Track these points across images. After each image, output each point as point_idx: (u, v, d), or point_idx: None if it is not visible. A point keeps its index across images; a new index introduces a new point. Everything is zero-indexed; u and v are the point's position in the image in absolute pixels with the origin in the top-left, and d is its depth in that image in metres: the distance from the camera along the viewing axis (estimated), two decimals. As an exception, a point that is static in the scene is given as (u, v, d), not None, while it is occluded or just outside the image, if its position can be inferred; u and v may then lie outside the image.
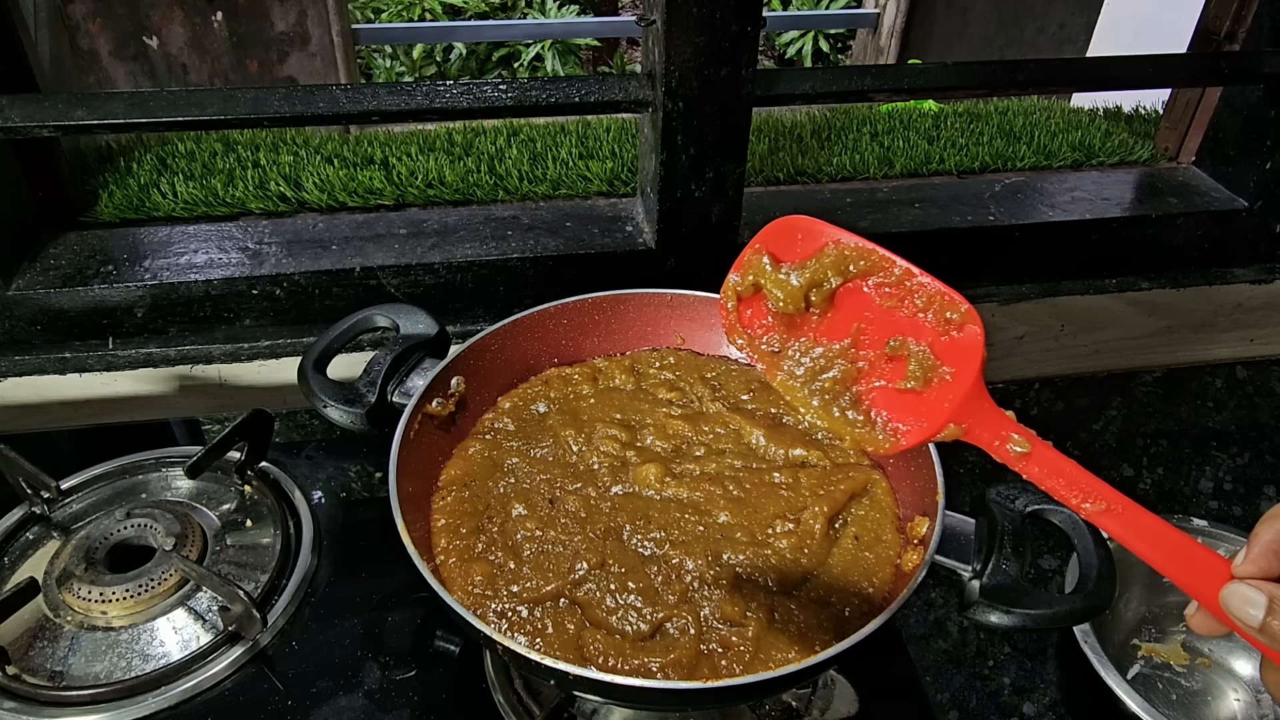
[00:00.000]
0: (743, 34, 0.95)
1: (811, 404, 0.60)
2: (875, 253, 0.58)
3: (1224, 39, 1.23)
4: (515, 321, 0.87)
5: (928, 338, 0.57)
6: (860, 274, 0.59)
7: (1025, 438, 0.54)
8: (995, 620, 0.62)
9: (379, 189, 1.17)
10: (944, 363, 0.56)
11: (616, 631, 0.66)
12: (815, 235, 0.60)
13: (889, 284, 0.58)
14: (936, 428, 0.55)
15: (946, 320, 0.56)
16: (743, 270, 0.62)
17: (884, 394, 0.59)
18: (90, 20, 2.92)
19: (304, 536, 0.94)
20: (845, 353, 0.60)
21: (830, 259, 0.59)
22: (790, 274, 0.60)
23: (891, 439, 0.58)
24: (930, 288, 0.57)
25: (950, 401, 0.55)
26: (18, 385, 1.06)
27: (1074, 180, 1.29)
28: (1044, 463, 0.54)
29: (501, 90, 0.97)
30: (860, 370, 0.60)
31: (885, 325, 0.59)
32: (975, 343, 0.55)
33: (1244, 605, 0.46)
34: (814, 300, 0.60)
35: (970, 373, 0.55)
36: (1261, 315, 1.32)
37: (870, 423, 0.59)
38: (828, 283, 0.60)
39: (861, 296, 0.59)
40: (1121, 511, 0.51)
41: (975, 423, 0.55)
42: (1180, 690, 0.88)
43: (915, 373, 0.57)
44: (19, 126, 0.91)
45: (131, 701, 0.78)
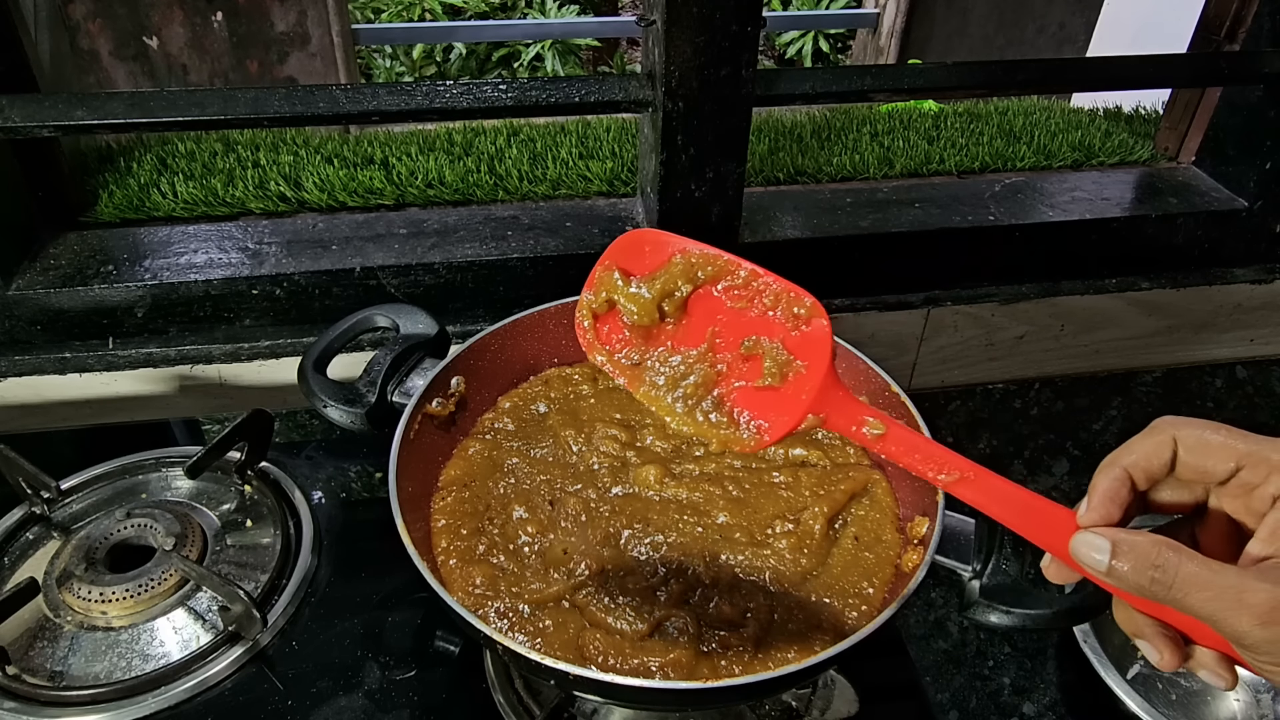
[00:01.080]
0: (743, 34, 0.95)
1: (676, 411, 0.61)
2: (721, 258, 0.61)
3: (1224, 39, 1.23)
4: (515, 321, 0.87)
5: (779, 334, 0.59)
6: (709, 279, 0.61)
7: (879, 420, 0.57)
8: (995, 620, 0.62)
9: (379, 189, 1.17)
10: (797, 356, 0.58)
11: (616, 632, 0.66)
12: (662, 246, 0.62)
13: (737, 286, 0.60)
14: (797, 420, 0.58)
15: (795, 315, 0.58)
16: (595, 288, 0.64)
17: (744, 393, 0.60)
18: (90, 20, 2.92)
19: (304, 536, 0.94)
20: (703, 357, 0.62)
21: (679, 268, 0.61)
22: (641, 287, 0.62)
23: (756, 437, 0.59)
24: (775, 286, 0.59)
25: (806, 393, 0.57)
26: (18, 385, 1.06)
27: (1074, 180, 1.29)
28: (899, 441, 0.56)
29: (501, 90, 0.97)
30: (719, 373, 0.61)
31: (738, 327, 0.61)
32: (823, 334, 0.58)
33: (1090, 552, 0.49)
34: (667, 310, 0.62)
35: (822, 363, 0.57)
36: (1261, 315, 1.32)
37: (734, 423, 0.60)
38: (679, 291, 0.61)
39: (713, 301, 0.61)
40: (974, 478, 0.54)
41: (832, 410, 0.57)
42: (1180, 690, 0.88)
43: (771, 369, 0.59)
44: (19, 126, 0.91)
45: (131, 701, 0.78)
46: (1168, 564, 0.46)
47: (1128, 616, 0.52)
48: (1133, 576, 0.48)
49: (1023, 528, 0.53)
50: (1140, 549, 0.48)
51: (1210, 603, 0.45)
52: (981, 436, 1.14)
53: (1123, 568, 0.48)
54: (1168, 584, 0.46)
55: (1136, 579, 0.47)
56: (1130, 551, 0.48)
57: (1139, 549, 0.48)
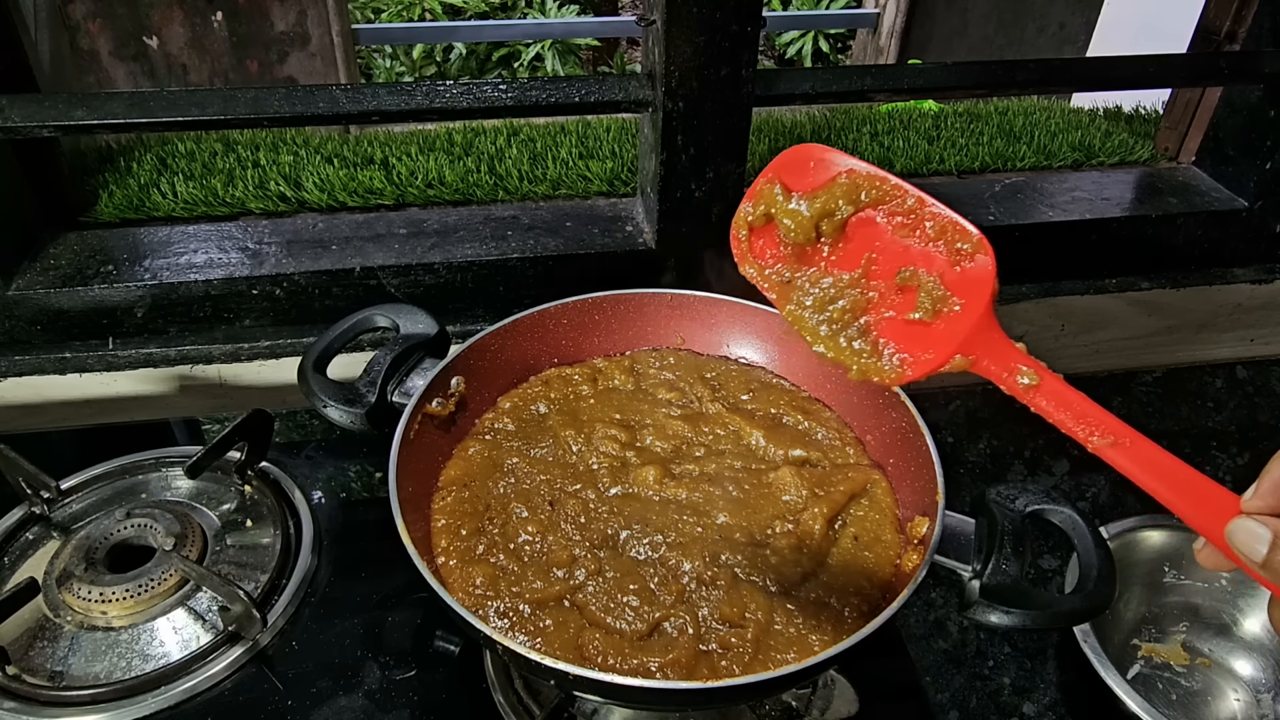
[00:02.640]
0: (743, 34, 0.95)
1: (819, 333, 0.60)
2: (888, 181, 0.58)
3: (1224, 39, 1.23)
4: (515, 321, 0.87)
5: (938, 268, 0.56)
6: (872, 203, 0.58)
7: (1035, 369, 0.53)
8: (995, 620, 0.62)
9: (379, 189, 1.17)
10: (954, 294, 0.56)
11: (616, 632, 0.66)
12: (828, 164, 0.60)
13: (901, 213, 0.58)
14: (943, 359, 0.55)
15: (958, 251, 0.56)
16: (755, 200, 0.62)
17: (893, 325, 0.58)
18: (90, 20, 2.92)
19: (304, 536, 0.94)
20: (855, 283, 0.60)
21: (842, 188, 0.59)
22: (801, 203, 0.60)
23: (897, 370, 0.57)
24: (942, 217, 0.56)
25: (959, 332, 0.55)
26: (18, 385, 1.06)
27: (1074, 180, 1.29)
28: (1052, 395, 0.53)
29: (501, 90, 0.97)
30: (870, 301, 0.59)
31: (896, 256, 0.58)
32: (986, 273, 0.55)
33: (1249, 540, 0.45)
34: (825, 230, 0.60)
35: (979, 304, 0.55)
36: (1261, 315, 1.32)
37: (877, 353, 0.58)
38: (839, 212, 0.59)
39: (873, 226, 0.59)
40: (1130, 445, 0.51)
41: (983, 354, 0.55)
42: (1180, 690, 0.88)
43: (924, 303, 0.56)
44: (19, 126, 0.91)
45: (131, 701, 0.78)
46: None
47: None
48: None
49: (1177, 505, 0.49)
50: None
51: None
52: (981, 436, 1.14)
53: None
54: None
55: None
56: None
57: None
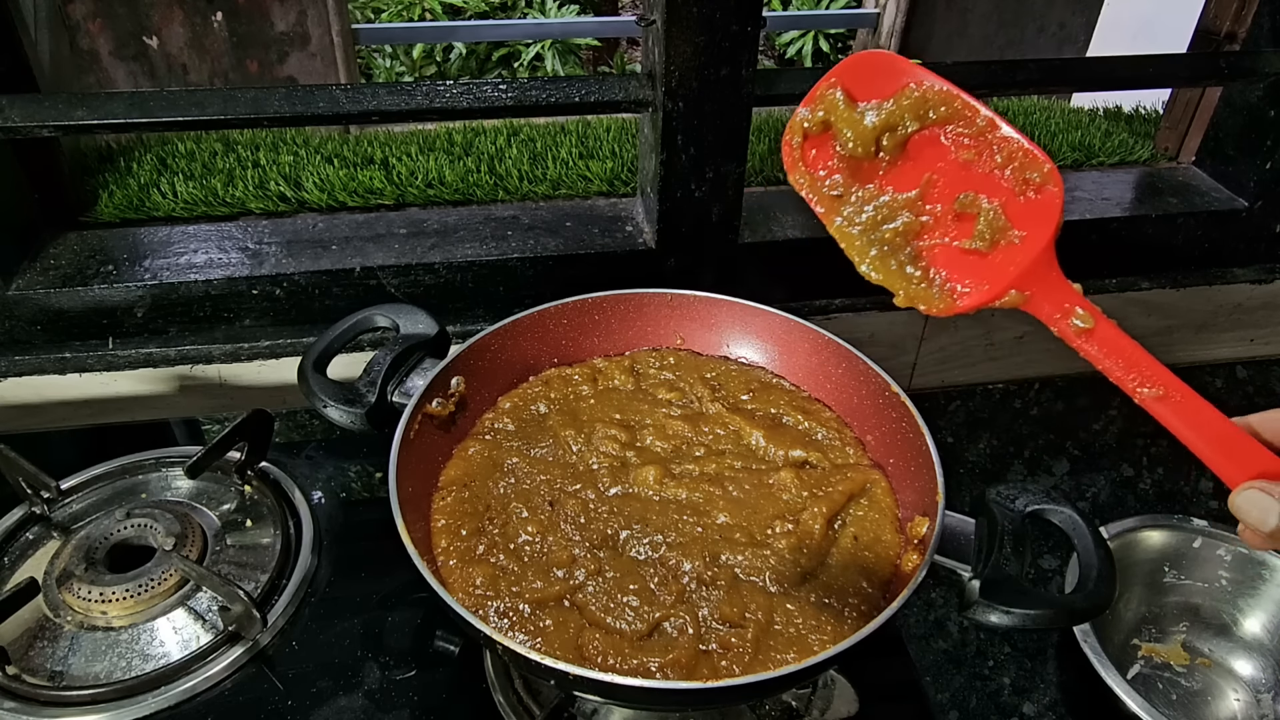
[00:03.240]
0: (743, 34, 0.95)
1: (869, 254, 0.57)
2: (959, 99, 0.55)
3: (1224, 39, 1.23)
4: (515, 321, 0.87)
5: (1002, 196, 0.54)
6: (939, 121, 0.55)
7: (1090, 313, 0.52)
8: (995, 620, 0.62)
9: (379, 189, 1.17)
10: (1015, 225, 0.53)
11: (616, 631, 0.66)
12: (897, 74, 0.56)
13: (969, 135, 0.55)
14: (998, 292, 0.53)
15: (1025, 180, 0.53)
16: (814, 104, 0.58)
17: (946, 251, 0.56)
18: (90, 20, 2.92)
19: (304, 536, 0.94)
20: (911, 204, 0.57)
21: (909, 101, 0.55)
22: (865, 113, 0.56)
23: (948, 299, 0.56)
24: (1014, 143, 0.54)
25: (1016, 265, 0.53)
26: (18, 385, 1.06)
27: (1074, 180, 1.29)
28: (1105, 341, 0.52)
29: (501, 90, 0.97)
30: (924, 225, 0.57)
31: (958, 179, 0.55)
32: (1053, 206, 0.52)
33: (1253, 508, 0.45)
34: (885, 145, 0.57)
35: (1042, 237, 0.52)
36: (1261, 315, 1.32)
37: (928, 280, 0.56)
38: (903, 127, 0.56)
39: (937, 146, 0.56)
40: (1179, 399, 0.50)
41: (1039, 291, 0.53)
42: (1180, 690, 0.88)
43: (983, 232, 0.54)
44: (19, 126, 0.91)
45: (131, 701, 0.78)
46: None
47: None
48: None
49: (1219, 464, 0.49)
50: None
51: None
52: (981, 436, 1.14)
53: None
54: None
55: None
56: None
57: None
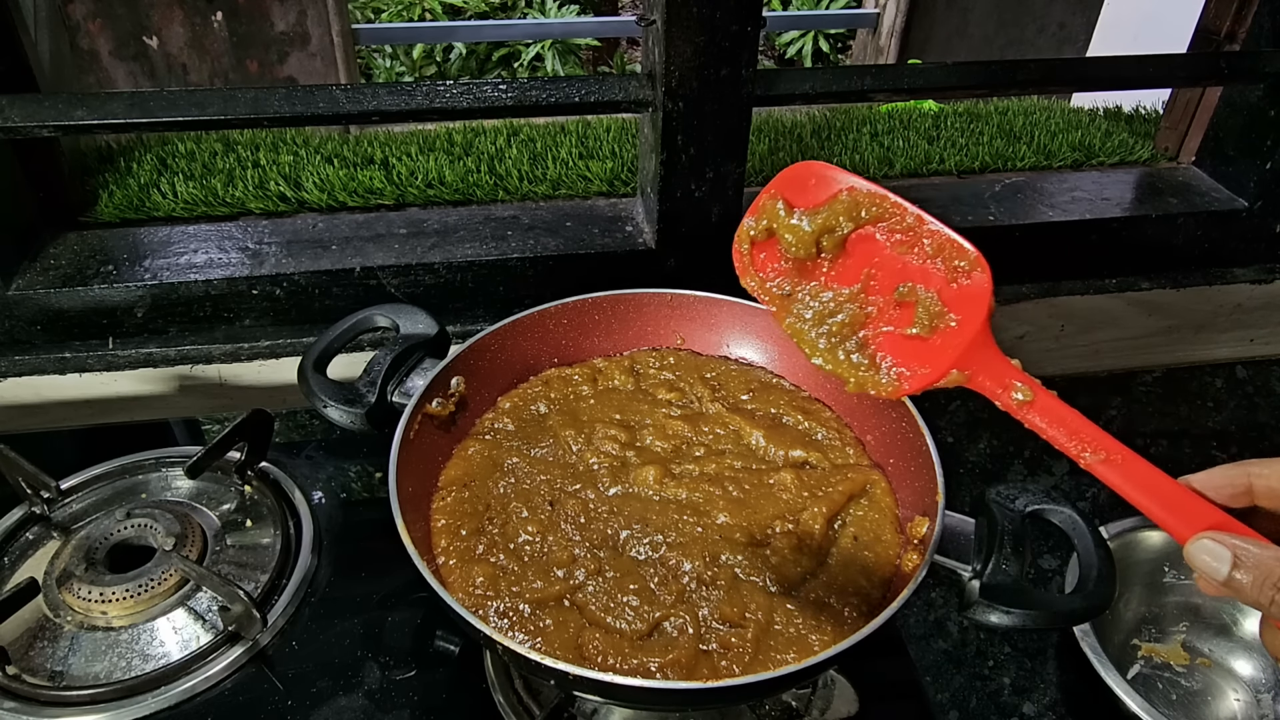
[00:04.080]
0: (743, 34, 0.95)
1: (818, 346, 0.61)
2: (887, 199, 0.59)
3: (1224, 39, 1.23)
4: (515, 321, 0.87)
5: (936, 285, 0.58)
6: (872, 220, 0.60)
7: (1029, 386, 0.54)
8: (995, 620, 0.62)
9: (379, 189, 1.18)
10: (950, 310, 0.57)
11: (616, 631, 0.66)
12: (829, 182, 0.61)
13: (900, 230, 0.59)
14: (940, 373, 0.56)
15: (955, 268, 0.57)
16: (757, 214, 0.63)
17: (890, 339, 0.60)
18: (90, 20, 2.92)
19: (304, 536, 0.94)
20: (854, 297, 0.61)
21: (843, 205, 0.60)
22: (803, 219, 0.61)
23: (895, 383, 0.59)
24: (940, 235, 0.58)
25: (954, 348, 0.56)
26: (18, 385, 1.06)
27: (1074, 180, 1.29)
28: (1046, 411, 0.54)
29: (501, 90, 0.97)
30: (868, 315, 0.61)
31: (895, 272, 0.59)
32: (982, 290, 0.56)
33: (1207, 558, 0.46)
34: (825, 245, 0.61)
35: (976, 320, 0.56)
36: (1261, 315, 1.32)
37: (875, 366, 0.60)
38: (839, 228, 0.60)
39: (873, 243, 0.60)
40: (1121, 462, 0.52)
41: (979, 369, 0.55)
42: (1180, 690, 0.88)
43: (922, 318, 0.57)
44: (19, 126, 0.91)
45: (131, 701, 0.78)
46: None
47: (1270, 636, 0.48)
48: (1251, 592, 0.44)
49: (1168, 522, 0.50)
50: (1264, 564, 0.44)
51: None
52: (981, 436, 1.14)
53: (1242, 580, 0.44)
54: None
55: (1255, 595, 0.44)
56: (1254, 565, 0.44)
57: (1263, 564, 0.44)
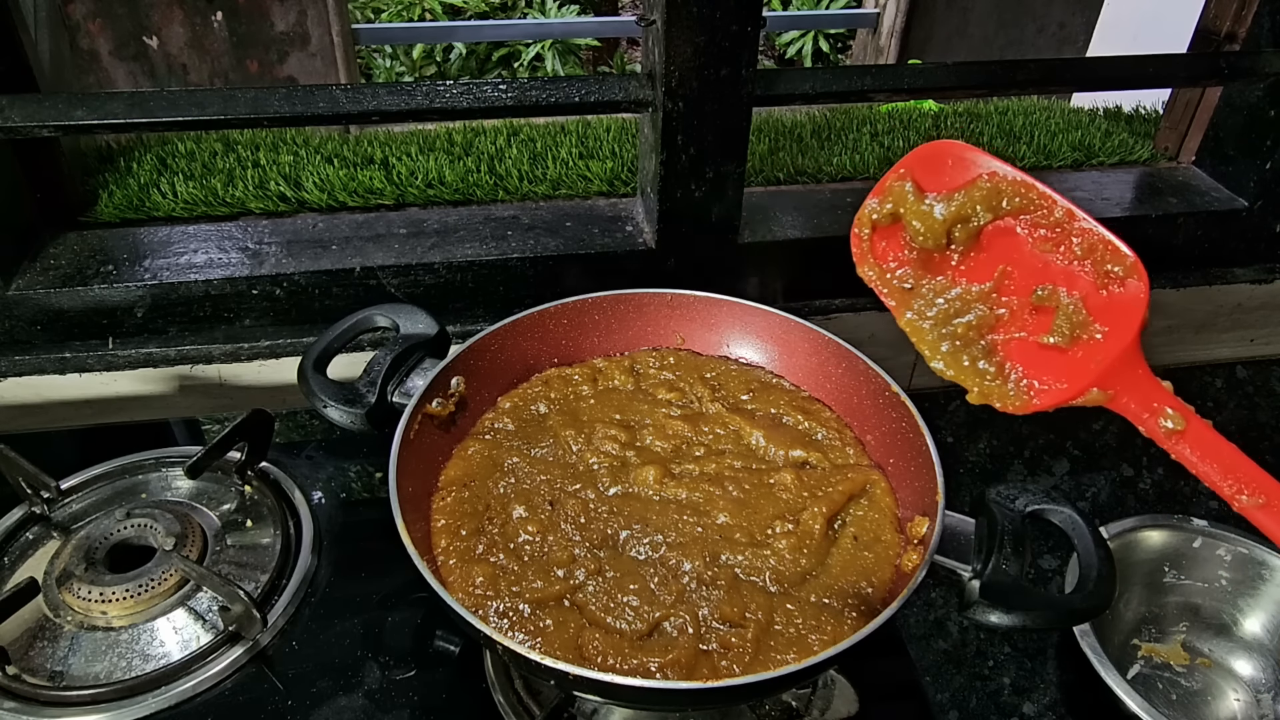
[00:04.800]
0: (743, 34, 0.95)
1: (940, 349, 0.55)
2: (1035, 189, 0.53)
3: (1224, 39, 1.23)
4: (515, 321, 0.87)
5: (1081, 289, 0.51)
6: (1013, 211, 0.54)
7: (1180, 413, 0.50)
8: (995, 620, 0.62)
9: (379, 189, 1.17)
10: (1096, 319, 0.51)
11: (616, 631, 0.66)
12: (968, 165, 0.55)
13: (1045, 225, 0.53)
14: (1078, 390, 0.51)
15: (1107, 274, 0.51)
16: (883, 196, 0.57)
17: (1022, 346, 0.54)
18: (90, 20, 2.92)
19: (304, 536, 0.94)
20: (985, 297, 0.55)
21: (982, 192, 0.54)
22: (935, 205, 0.55)
23: (1024, 396, 0.53)
24: (1093, 234, 0.51)
25: (1098, 363, 0.50)
26: (18, 385, 1.06)
27: (1074, 180, 1.29)
28: (1199, 443, 0.49)
29: (501, 90, 0.97)
30: (999, 318, 0.55)
31: (1034, 271, 0.53)
32: (1137, 301, 0.50)
33: None
34: (957, 237, 0.55)
35: (1127, 334, 0.50)
36: (1261, 315, 1.32)
37: (1003, 376, 0.54)
38: (976, 218, 0.54)
39: (1012, 237, 0.54)
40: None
41: (1124, 389, 0.50)
42: (1180, 690, 0.88)
43: (1062, 327, 0.52)
44: (19, 126, 0.91)
45: (131, 701, 0.78)
46: None
47: None
48: None
49: None
50: None
51: None
52: (981, 436, 1.13)
53: None
54: None
55: None
56: None
57: None
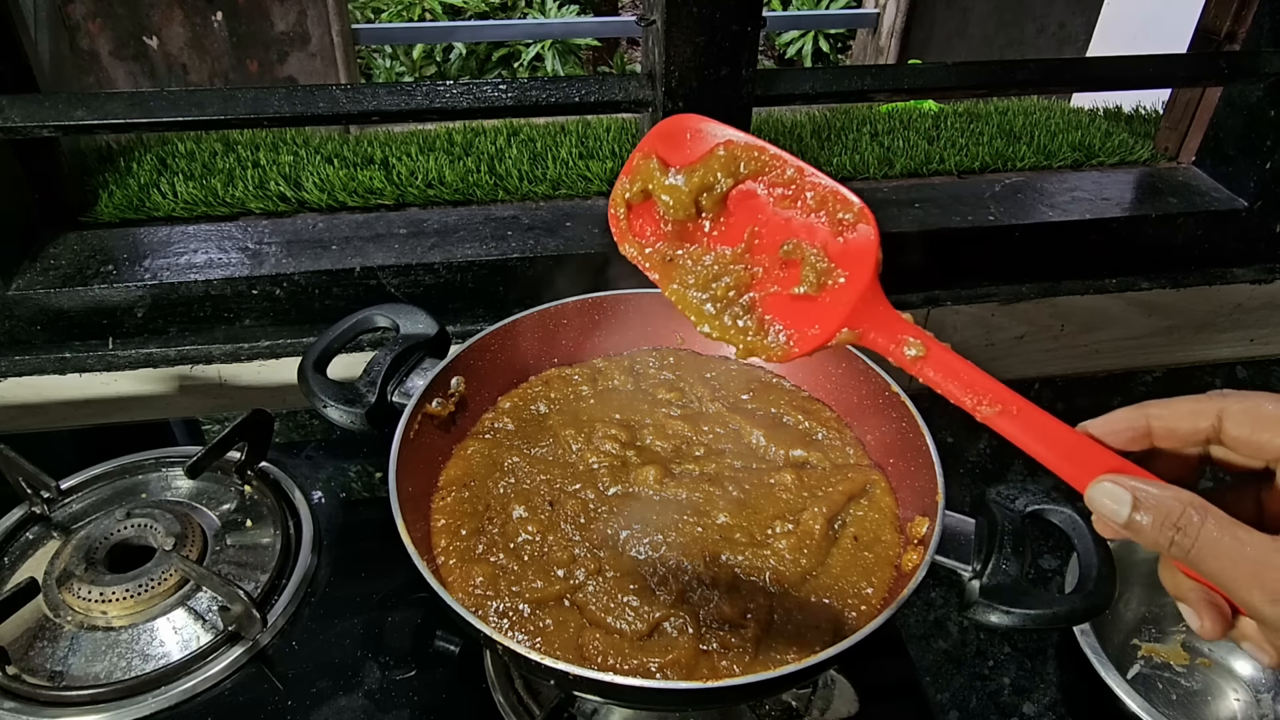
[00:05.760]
0: (743, 34, 0.95)
1: (705, 313, 0.58)
2: (766, 151, 0.56)
3: (1224, 39, 1.23)
4: (515, 321, 0.87)
5: (821, 240, 0.55)
6: (751, 174, 0.57)
7: (922, 340, 0.53)
8: (995, 620, 0.62)
9: (379, 189, 1.17)
10: (838, 265, 0.54)
11: (616, 631, 0.66)
12: (704, 136, 0.58)
13: (781, 184, 0.56)
14: (830, 332, 0.54)
15: (840, 221, 0.54)
16: (631, 176, 0.60)
17: (778, 300, 0.57)
18: (90, 20, 2.92)
19: (304, 536, 0.94)
20: (739, 258, 0.58)
21: (720, 160, 0.57)
22: (679, 177, 0.58)
23: (784, 346, 0.57)
24: (822, 187, 0.55)
25: (843, 305, 0.54)
26: (18, 385, 1.06)
27: (1074, 180, 1.29)
28: (940, 365, 0.52)
29: (501, 90, 0.97)
30: (754, 276, 0.58)
31: (779, 228, 0.57)
32: (869, 243, 0.54)
33: (1108, 501, 0.47)
34: (705, 205, 0.58)
35: (864, 275, 0.54)
36: (1261, 315, 1.32)
37: (763, 330, 0.57)
38: (718, 185, 0.57)
39: (755, 200, 0.57)
40: (1018, 413, 0.50)
41: (869, 327, 0.54)
42: (1180, 690, 0.88)
43: (809, 277, 0.55)
44: (19, 126, 0.91)
45: (131, 701, 0.78)
46: (1189, 525, 0.44)
47: (1169, 576, 0.49)
48: (1151, 533, 0.45)
49: (1065, 470, 0.49)
50: (1164, 505, 0.45)
51: (1226, 571, 0.43)
52: (982, 436, 1.13)
53: (1142, 521, 0.45)
54: (1186, 546, 0.44)
55: (1155, 536, 0.45)
56: (1153, 507, 0.45)
57: (1162, 505, 0.45)
